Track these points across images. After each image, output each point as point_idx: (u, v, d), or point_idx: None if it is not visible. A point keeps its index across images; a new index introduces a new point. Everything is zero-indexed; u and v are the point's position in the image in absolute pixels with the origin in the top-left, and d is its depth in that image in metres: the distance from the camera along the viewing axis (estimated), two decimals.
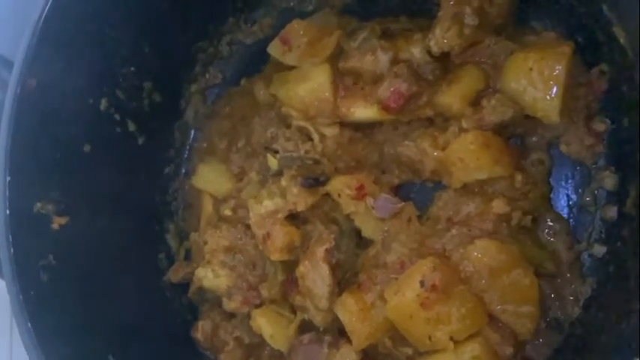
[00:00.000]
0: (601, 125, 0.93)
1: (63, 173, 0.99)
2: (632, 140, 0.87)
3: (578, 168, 0.98)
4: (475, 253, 0.91)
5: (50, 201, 0.97)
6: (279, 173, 1.03)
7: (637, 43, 0.79)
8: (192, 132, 1.22)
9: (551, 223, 0.97)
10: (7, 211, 0.92)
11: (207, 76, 1.21)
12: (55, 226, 0.98)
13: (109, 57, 1.03)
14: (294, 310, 1.04)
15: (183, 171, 1.22)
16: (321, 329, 1.01)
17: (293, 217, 1.02)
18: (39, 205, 0.95)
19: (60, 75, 0.96)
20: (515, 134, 0.98)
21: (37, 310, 0.91)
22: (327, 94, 1.02)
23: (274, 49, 1.09)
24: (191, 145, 1.22)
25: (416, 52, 0.99)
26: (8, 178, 0.92)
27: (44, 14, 0.92)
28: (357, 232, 1.04)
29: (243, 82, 1.19)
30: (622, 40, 0.81)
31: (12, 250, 0.91)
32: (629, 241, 0.87)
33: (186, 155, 1.23)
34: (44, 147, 0.96)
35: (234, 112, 1.20)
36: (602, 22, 0.84)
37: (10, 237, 0.91)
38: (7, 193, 0.92)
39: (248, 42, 1.19)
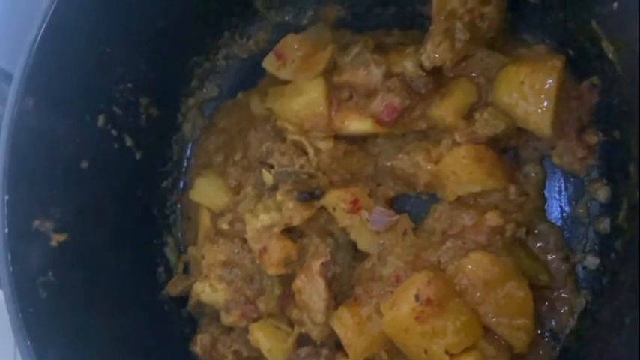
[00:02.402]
0: (593, 138, 0.93)
1: (61, 190, 1.00)
2: (623, 152, 0.87)
3: (571, 180, 0.98)
4: (469, 266, 0.91)
5: (49, 218, 0.97)
6: (274, 188, 1.04)
7: (625, 59, 0.79)
8: (190, 145, 1.23)
9: (545, 235, 0.97)
10: (6, 230, 0.92)
11: (203, 90, 1.22)
12: (53, 243, 0.98)
13: (105, 74, 1.04)
14: (291, 324, 1.04)
15: (181, 184, 1.23)
16: (318, 343, 1.01)
17: (289, 231, 1.03)
18: (37, 222, 0.96)
19: (57, 93, 0.97)
20: (509, 147, 0.98)
21: (37, 327, 0.92)
22: (321, 108, 1.03)
23: (269, 63, 1.09)
24: (188, 159, 1.23)
25: (408, 65, 1.00)
26: (6, 197, 0.93)
27: (40, 33, 0.93)
28: (354, 245, 1.04)
29: (239, 95, 1.20)
30: (610, 56, 0.82)
31: (11, 267, 0.92)
32: (622, 253, 0.88)
33: (183, 169, 1.23)
34: (42, 165, 0.97)
35: (230, 125, 1.20)
36: (592, 37, 0.84)
37: (9, 255, 0.92)
38: (6, 211, 0.93)
39: (244, 56, 1.20)
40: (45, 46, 0.92)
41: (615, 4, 0.74)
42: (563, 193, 0.99)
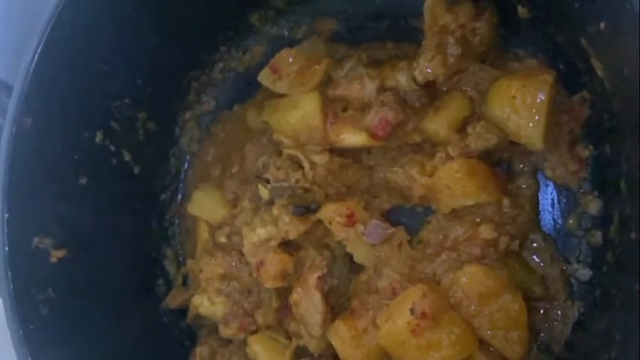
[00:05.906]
0: (584, 151, 0.94)
1: (60, 207, 1.01)
2: (614, 167, 0.88)
3: (564, 192, 0.99)
4: (464, 279, 0.92)
5: (48, 235, 0.98)
6: (271, 202, 1.05)
7: (613, 76, 0.80)
8: (187, 158, 1.24)
9: (538, 247, 0.98)
10: (6, 248, 0.93)
11: (200, 103, 1.22)
12: (53, 259, 0.99)
13: (102, 91, 1.04)
14: (289, 336, 1.05)
15: (180, 197, 1.23)
16: (316, 355, 1.02)
17: (286, 244, 1.04)
18: (37, 239, 0.97)
19: (55, 111, 0.97)
20: (502, 160, 0.99)
21: (38, 344, 0.93)
22: (316, 121, 1.04)
23: (264, 77, 1.10)
24: (186, 172, 1.24)
25: (402, 79, 1.01)
26: (6, 215, 0.93)
27: (38, 52, 0.94)
28: (350, 257, 1.05)
29: (236, 108, 1.21)
30: (599, 72, 0.83)
31: (11, 285, 0.93)
32: (614, 266, 0.88)
33: (181, 182, 1.24)
34: (41, 182, 0.98)
35: (228, 138, 1.21)
36: (582, 53, 0.85)
37: (10, 273, 0.93)
38: (6, 229, 0.94)
39: (240, 69, 1.20)
40: (41, 66, 0.93)
41: (603, 24, 0.75)
42: (556, 205, 1.00)
